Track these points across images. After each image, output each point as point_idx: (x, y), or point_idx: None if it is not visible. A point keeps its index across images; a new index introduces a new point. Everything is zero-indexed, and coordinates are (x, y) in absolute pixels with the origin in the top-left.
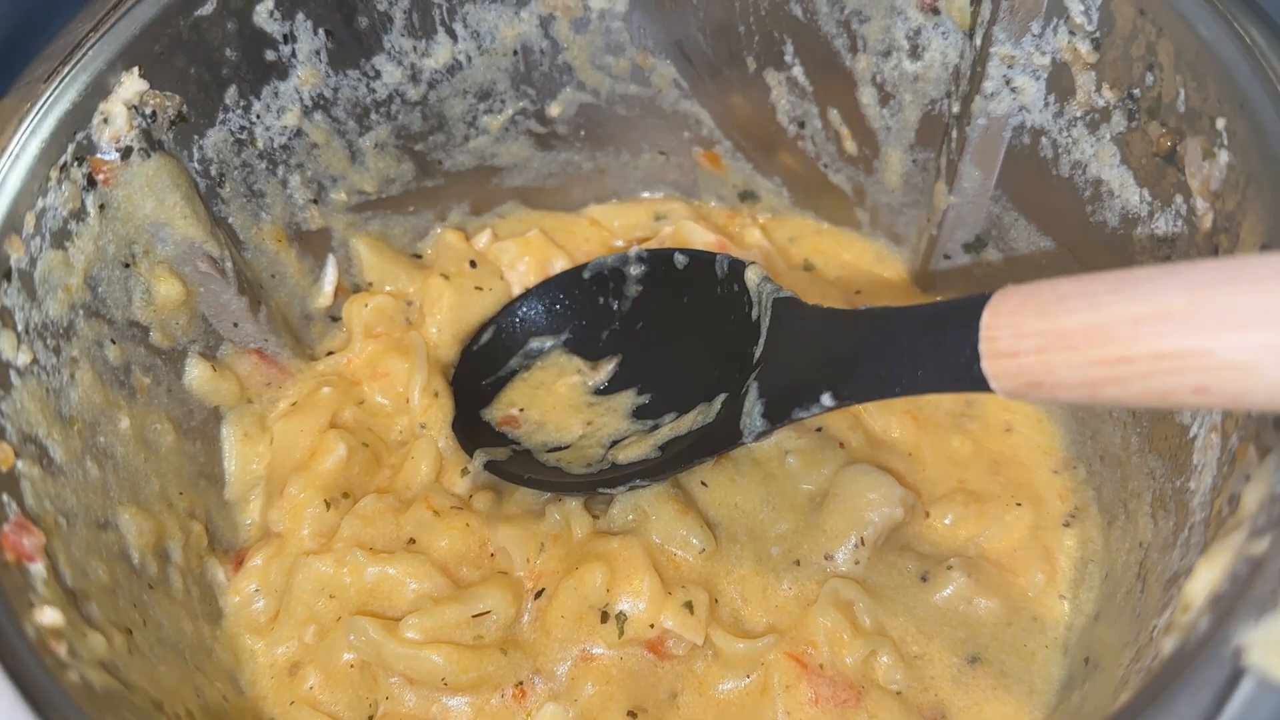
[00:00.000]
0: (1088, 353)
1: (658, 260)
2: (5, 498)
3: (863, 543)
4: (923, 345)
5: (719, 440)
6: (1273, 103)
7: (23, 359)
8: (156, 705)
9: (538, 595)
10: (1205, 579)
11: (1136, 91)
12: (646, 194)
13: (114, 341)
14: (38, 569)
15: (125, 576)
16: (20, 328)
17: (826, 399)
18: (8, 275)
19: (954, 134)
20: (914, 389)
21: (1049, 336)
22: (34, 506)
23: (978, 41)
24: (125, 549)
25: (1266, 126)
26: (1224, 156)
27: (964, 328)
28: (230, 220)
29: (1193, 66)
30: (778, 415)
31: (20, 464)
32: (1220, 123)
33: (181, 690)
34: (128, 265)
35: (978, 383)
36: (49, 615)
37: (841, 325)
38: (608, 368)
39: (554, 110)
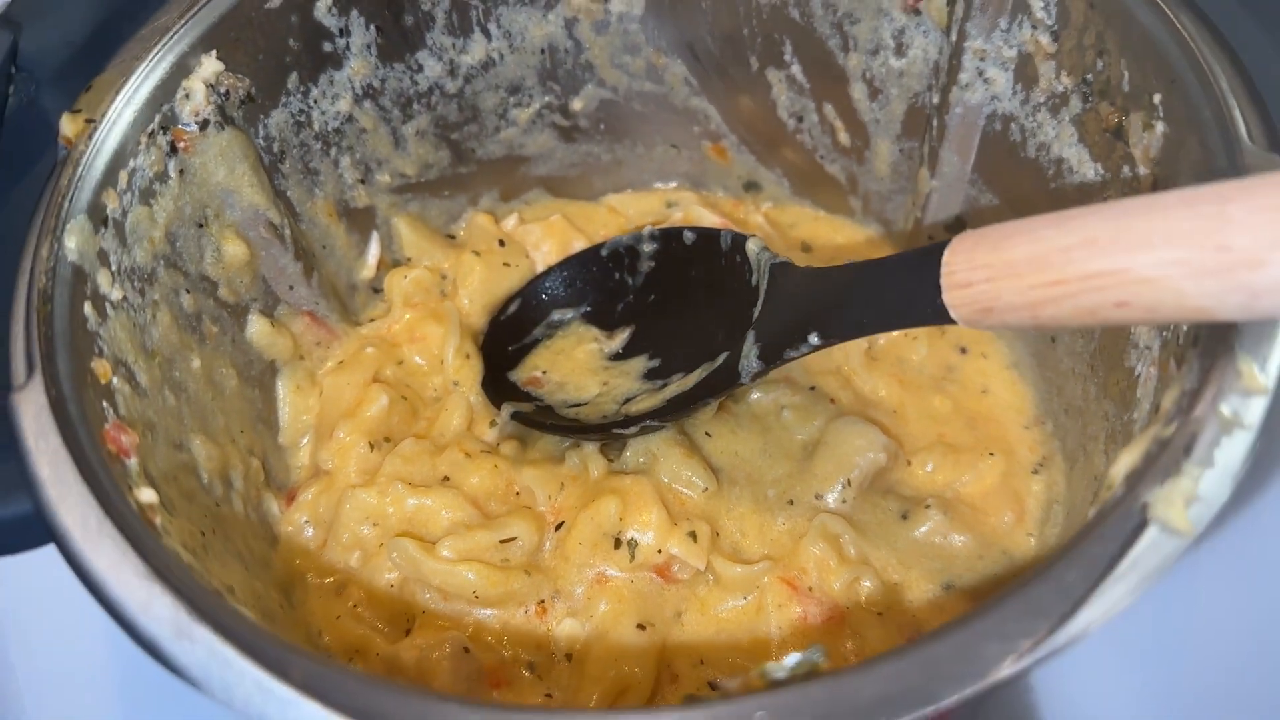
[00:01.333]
0: (1029, 278)
1: (669, 237)
2: (105, 405)
3: (849, 484)
4: (894, 285)
5: (720, 382)
6: (1198, 78)
7: (116, 295)
8: (229, 590)
9: (558, 528)
10: (1125, 461)
11: (1090, 76)
12: (659, 184)
13: (188, 291)
14: (133, 463)
15: (198, 491)
16: (114, 268)
17: (814, 338)
18: (104, 222)
19: (935, 123)
20: (889, 325)
21: (997, 267)
22: (126, 416)
23: (953, 38)
24: (197, 469)
25: (1192, 98)
26: (1160, 127)
27: (928, 267)
28: (289, 193)
29: (1134, 50)
30: (771, 356)
31: (115, 380)
32: (1157, 98)
33: (246, 590)
34: (201, 225)
35: (940, 314)
36: (146, 494)
37: (827, 277)
38: (622, 336)
39: (577, 105)
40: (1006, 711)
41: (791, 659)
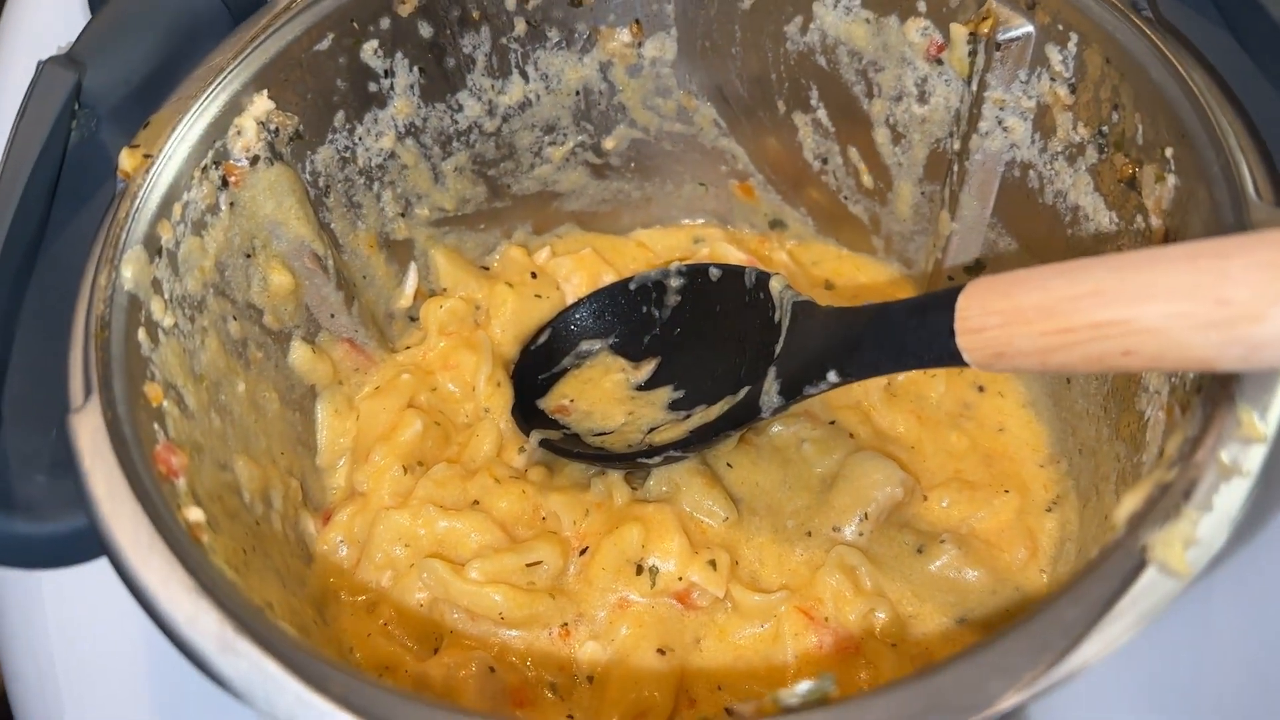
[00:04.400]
0: (1038, 325)
1: (695, 273)
2: (156, 426)
3: (866, 517)
4: (910, 327)
5: (741, 415)
6: (1207, 133)
7: (167, 321)
8: (269, 605)
9: (582, 553)
10: (1129, 504)
11: (1105, 128)
12: (687, 221)
13: (235, 318)
14: (181, 483)
15: (239, 509)
16: (166, 296)
17: (832, 375)
18: (159, 252)
19: (955, 169)
20: (904, 365)
21: (1008, 313)
22: (176, 438)
23: (974, 87)
24: (239, 489)
25: (1202, 153)
26: (1171, 180)
27: (943, 311)
28: (332, 225)
29: (1148, 105)
30: (791, 392)
31: (166, 404)
32: (1169, 151)
33: (283, 606)
34: (249, 256)
35: (954, 356)
36: (194, 513)
37: (847, 318)
38: (648, 368)
39: (609, 144)
40: None
41: (803, 686)
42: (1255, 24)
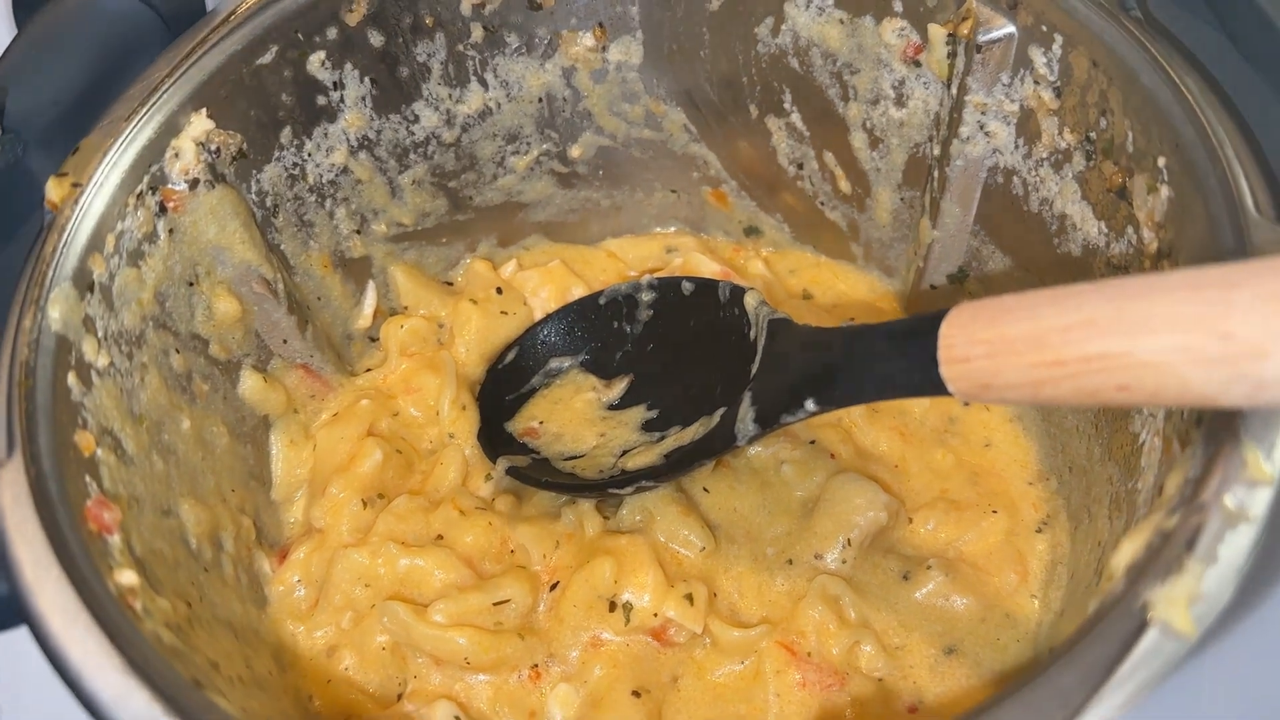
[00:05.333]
0: (1028, 357)
1: (667, 287)
2: (88, 478)
3: (849, 544)
4: (892, 354)
5: (716, 444)
6: (1203, 143)
7: (102, 361)
8: (214, 665)
9: (552, 588)
10: (1127, 551)
11: (1093, 134)
12: (659, 229)
13: (178, 351)
14: (115, 540)
15: (184, 558)
16: (100, 334)
17: (810, 404)
18: (90, 288)
19: (936, 174)
20: (885, 394)
21: (995, 343)
22: (110, 489)
23: (954, 90)
24: (184, 535)
25: (1197, 164)
26: (1165, 191)
27: (926, 338)
28: (282, 247)
29: (1138, 111)
30: (768, 420)
31: (100, 451)
32: (1161, 161)
33: (234, 658)
34: (192, 284)
35: (937, 386)
36: (127, 576)
37: (825, 340)
38: (620, 386)
39: (575, 152)
40: None
41: None
42: (1251, 25)
